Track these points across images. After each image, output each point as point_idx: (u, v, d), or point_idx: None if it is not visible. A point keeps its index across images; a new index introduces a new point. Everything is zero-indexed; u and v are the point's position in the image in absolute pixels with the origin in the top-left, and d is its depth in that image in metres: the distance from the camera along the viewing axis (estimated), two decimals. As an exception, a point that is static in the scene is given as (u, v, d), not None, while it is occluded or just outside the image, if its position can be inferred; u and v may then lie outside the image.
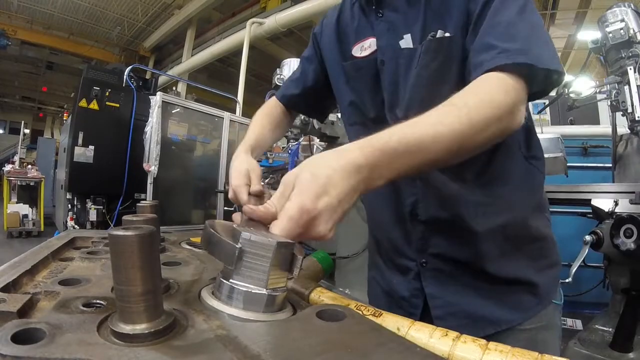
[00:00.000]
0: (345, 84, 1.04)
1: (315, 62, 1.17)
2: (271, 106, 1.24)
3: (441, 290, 0.93)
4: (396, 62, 0.91)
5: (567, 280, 1.77)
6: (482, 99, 0.68)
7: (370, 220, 1.13)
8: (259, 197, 0.88)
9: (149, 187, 4.62)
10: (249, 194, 0.87)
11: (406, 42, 0.89)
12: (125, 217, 0.52)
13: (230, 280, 0.51)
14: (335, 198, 0.55)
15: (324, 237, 0.56)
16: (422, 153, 0.62)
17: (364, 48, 0.98)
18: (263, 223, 0.56)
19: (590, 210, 2.48)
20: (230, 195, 0.91)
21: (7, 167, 8.58)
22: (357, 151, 0.58)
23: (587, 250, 2.11)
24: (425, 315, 0.95)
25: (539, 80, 0.74)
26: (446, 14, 0.84)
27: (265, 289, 0.50)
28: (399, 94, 0.92)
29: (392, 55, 0.92)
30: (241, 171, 0.91)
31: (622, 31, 2.78)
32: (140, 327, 0.41)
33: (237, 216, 0.65)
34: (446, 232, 0.91)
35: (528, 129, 0.94)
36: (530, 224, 0.93)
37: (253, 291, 0.50)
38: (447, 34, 0.84)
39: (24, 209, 7.96)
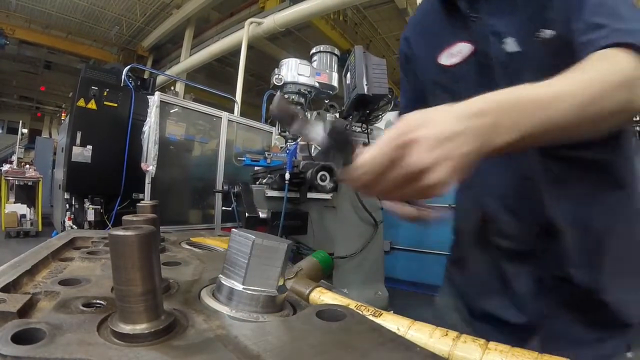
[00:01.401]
0: (445, 99, 0.94)
1: (411, 84, 1.11)
2: None
3: (554, 313, 0.86)
4: (506, 69, 0.84)
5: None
6: (610, 65, 0.64)
7: (474, 237, 1.04)
8: None
9: (147, 187, 4.61)
10: None
11: (511, 45, 0.83)
12: (125, 217, 0.52)
13: (231, 281, 0.51)
14: (440, 132, 0.49)
15: (431, 180, 0.50)
16: (547, 110, 0.57)
17: (453, 54, 0.92)
18: None
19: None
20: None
21: (5, 167, 8.54)
22: (476, 100, 0.55)
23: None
24: (525, 339, 0.87)
25: None
26: (548, 9, 0.78)
27: (271, 289, 0.51)
28: None
29: (499, 60, 0.85)
30: None
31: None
32: (140, 327, 0.41)
33: None
34: (574, 250, 0.84)
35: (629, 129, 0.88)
36: None
37: (254, 292, 0.50)
38: (553, 32, 0.78)
39: (22, 208, 7.93)
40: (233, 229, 0.55)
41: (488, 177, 0.91)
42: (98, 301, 0.51)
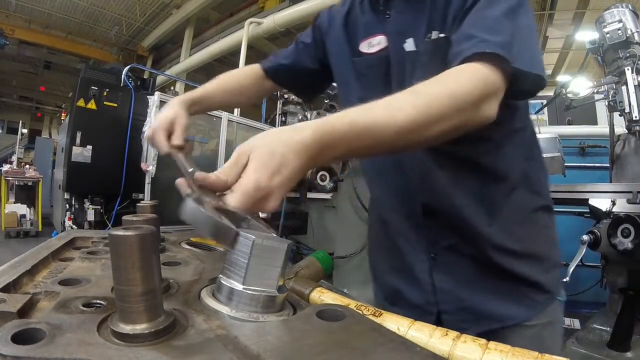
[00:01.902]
0: (355, 80, 1.03)
1: (312, 50, 1.17)
2: (245, 70, 1.25)
3: (450, 284, 0.93)
4: (403, 65, 0.91)
5: (564, 280, 1.78)
6: (445, 88, 0.68)
7: (377, 221, 1.13)
8: (180, 149, 0.90)
9: (147, 187, 4.60)
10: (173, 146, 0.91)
11: (410, 45, 0.89)
12: (125, 217, 0.52)
13: (231, 281, 0.51)
14: (287, 177, 0.57)
15: (271, 210, 0.59)
16: (372, 137, 0.63)
17: (372, 45, 0.97)
18: (212, 190, 0.57)
19: (588, 210, 2.50)
20: (147, 134, 0.95)
21: (5, 167, 8.54)
22: (309, 131, 0.59)
23: (584, 250, 2.12)
24: (429, 314, 0.96)
25: (519, 80, 0.73)
26: (448, 16, 0.84)
27: (271, 289, 0.51)
28: None
29: (399, 57, 0.92)
30: (165, 117, 0.94)
31: (619, 32, 2.79)
32: (140, 327, 0.41)
33: (181, 181, 0.65)
34: (455, 225, 0.92)
35: (524, 129, 0.95)
36: (534, 223, 0.94)
37: (254, 292, 0.50)
38: (442, 35, 0.84)
39: (22, 209, 7.93)
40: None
41: (386, 161, 1.01)
42: (98, 301, 0.51)
